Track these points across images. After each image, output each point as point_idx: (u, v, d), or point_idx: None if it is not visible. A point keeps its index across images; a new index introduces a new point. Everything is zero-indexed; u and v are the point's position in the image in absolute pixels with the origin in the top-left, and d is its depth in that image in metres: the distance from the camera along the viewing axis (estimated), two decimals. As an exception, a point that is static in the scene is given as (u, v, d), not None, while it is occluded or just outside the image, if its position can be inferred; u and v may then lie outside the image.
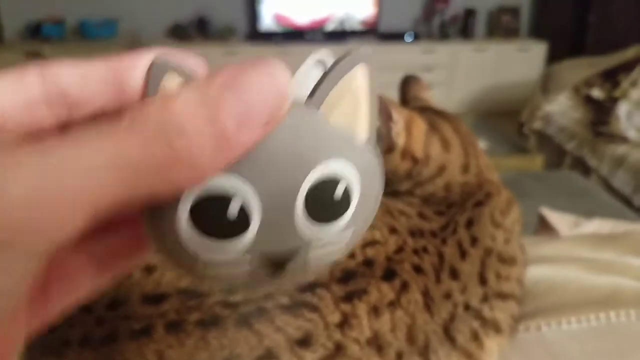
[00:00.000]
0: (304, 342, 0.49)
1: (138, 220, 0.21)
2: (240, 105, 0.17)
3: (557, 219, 1.00)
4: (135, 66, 0.21)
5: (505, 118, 3.71)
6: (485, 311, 0.58)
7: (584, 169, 2.56)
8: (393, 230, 0.59)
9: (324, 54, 0.25)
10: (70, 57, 0.21)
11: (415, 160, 0.69)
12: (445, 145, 0.69)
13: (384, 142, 0.70)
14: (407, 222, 0.61)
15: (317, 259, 0.22)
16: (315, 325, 0.50)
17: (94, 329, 0.52)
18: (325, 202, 0.20)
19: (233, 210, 0.19)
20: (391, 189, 0.70)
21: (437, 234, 0.61)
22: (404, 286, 0.55)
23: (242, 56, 4.29)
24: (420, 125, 0.69)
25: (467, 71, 4.63)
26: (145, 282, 0.52)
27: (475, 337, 0.56)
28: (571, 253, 0.78)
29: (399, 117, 0.68)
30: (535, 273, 0.72)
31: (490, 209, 0.65)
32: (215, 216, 0.19)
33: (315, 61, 0.25)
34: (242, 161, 0.18)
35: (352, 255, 0.55)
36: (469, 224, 0.62)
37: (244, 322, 0.49)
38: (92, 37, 4.19)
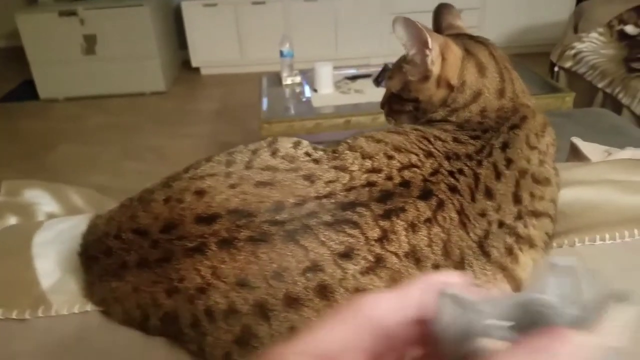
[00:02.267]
0: (346, 255, 0.52)
1: None
2: None
3: (589, 147, 1.00)
4: (426, 302, 0.24)
5: (536, 58, 3.62)
6: (520, 228, 0.60)
7: (616, 107, 2.50)
8: (429, 155, 0.61)
9: (568, 264, 0.24)
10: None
11: (450, 87, 0.69)
12: (481, 70, 0.69)
13: (420, 71, 0.71)
14: (443, 146, 0.62)
15: None
16: (356, 240, 0.53)
17: (149, 252, 0.56)
18: None
19: None
20: (427, 119, 0.71)
21: (472, 157, 0.62)
22: (440, 205, 0.57)
23: (270, 5, 4.20)
24: (455, 52, 0.69)
25: (498, 12, 4.49)
26: (196, 205, 0.55)
27: (510, 251, 0.58)
28: (605, 176, 0.78)
29: (435, 44, 0.68)
30: (569, 195, 0.73)
31: (526, 132, 0.65)
32: None
33: (563, 267, 0.24)
34: None
35: (389, 178, 0.57)
36: (504, 146, 0.63)
37: (290, 238, 0.52)
38: (125, -5, 4.13)
